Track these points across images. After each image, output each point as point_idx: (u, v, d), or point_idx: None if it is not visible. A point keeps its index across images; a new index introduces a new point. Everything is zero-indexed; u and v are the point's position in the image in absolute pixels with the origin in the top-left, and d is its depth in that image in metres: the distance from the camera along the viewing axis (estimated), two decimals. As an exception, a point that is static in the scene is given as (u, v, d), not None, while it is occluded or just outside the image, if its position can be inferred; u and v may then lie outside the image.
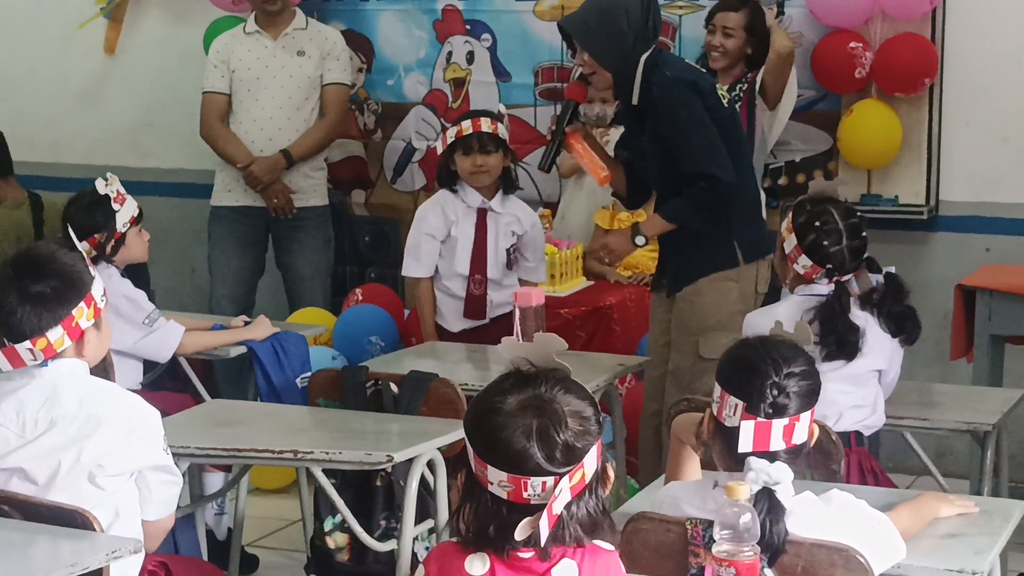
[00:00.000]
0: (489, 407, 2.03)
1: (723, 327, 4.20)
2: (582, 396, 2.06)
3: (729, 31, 5.05)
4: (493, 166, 4.63)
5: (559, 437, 2.00)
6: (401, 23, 5.87)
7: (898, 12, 5.15)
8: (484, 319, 4.69)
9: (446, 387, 3.72)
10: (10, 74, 6.55)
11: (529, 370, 2.08)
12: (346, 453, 3.30)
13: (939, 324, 5.12)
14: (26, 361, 2.75)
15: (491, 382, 2.09)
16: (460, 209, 4.69)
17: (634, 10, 4.13)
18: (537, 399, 2.02)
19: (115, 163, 5.76)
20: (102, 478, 2.74)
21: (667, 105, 4.12)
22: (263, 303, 5.64)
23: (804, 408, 2.47)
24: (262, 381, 4.38)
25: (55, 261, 2.79)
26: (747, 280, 4.27)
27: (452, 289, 4.71)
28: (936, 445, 4.86)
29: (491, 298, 4.68)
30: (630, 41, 4.13)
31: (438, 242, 4.71)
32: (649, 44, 4.17)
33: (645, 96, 4.16)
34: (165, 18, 6.27)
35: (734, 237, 4.23)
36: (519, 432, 2.00)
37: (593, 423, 2.04)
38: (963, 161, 5.31)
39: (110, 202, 4.16)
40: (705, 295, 4.24)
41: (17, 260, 2.80)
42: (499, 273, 4.68)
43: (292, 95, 5.59)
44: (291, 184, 5.59)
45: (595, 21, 4.18)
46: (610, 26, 4.12)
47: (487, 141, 4.61)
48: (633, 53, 4.14)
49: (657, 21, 4.21)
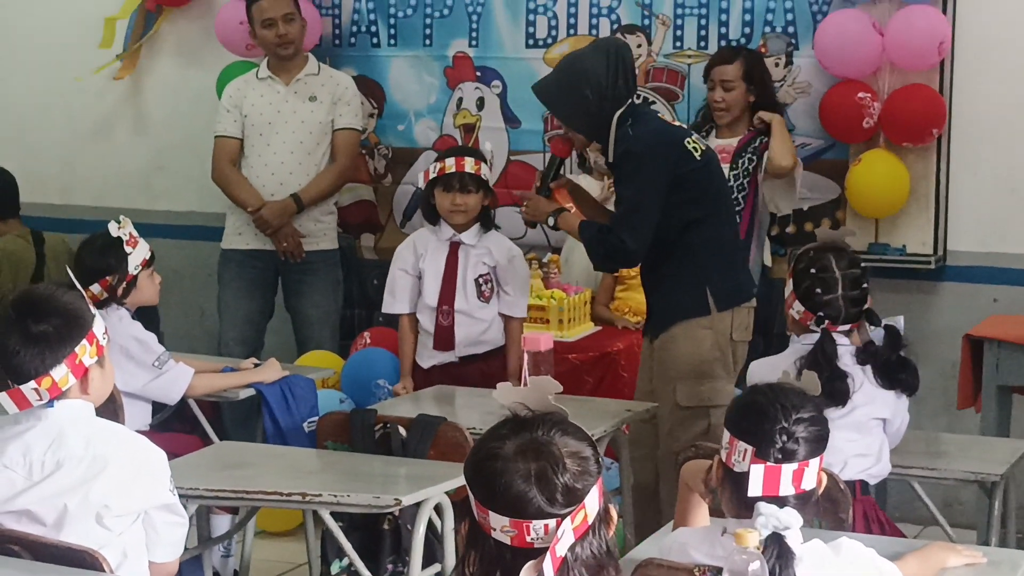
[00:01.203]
0: (487, 453, 2.04)
1: (699, 375, 4.26)
2: (580, 437, 2.06)
3: (728, 84, 5.07)
4: (471, 206, 4.65)
5: (558, 479, 2.00)
6: (412, 69, 5.91)
7: (906, 63, 5.18)
8: (452, 350, 4.68)
9: (454, 431, 3.73)
10: (23, 115, 6.59)
11: (526, 414, 2.09)
12: (354, 496, 3.30)
13: (946, 374, 5.12)
14: (32, 402, 2.76)
15: (489, 428, 2.10)
16: (431, 243, 4.72)
17: (596, 74, 4.20)
18: (534, 442, 2.03)
19: (127, 205, 5.77)
20: (109, 519, 2.75)
21: (619, 163, 4.25)
22: (272, 345, 5.65)
23: (813, 454, 2.49)
24: (269, 424, 4.39)
25: (55, 300, 2.80)
26: (722, 328, 4.30)
27: (423, 323, 4.72)
28: (943, 495, 4.85)
29: (461, 331, 4.66)
30: (595, 104, 4.22)
31: (411, 277, 4.74)
32: (621, 102, 4.24)
33: (616, 152, 4.26)
34: (178, 62, 6.32)
35: (706, 285, 4.27)
36: (518, 476, 2.00)
37: (592, 463, 2.05)
38: (971, 211, 5.32)
39: (123, 244, 4.18)
40: (680, 342, 4.29)
41: (17, 301, 2.82)
42: (468, 305, 4.67)
43: (303, 140, 5.62)
44: (301, 228, 5.62)
45: (558, 87, 4.30)
46: (573, 91, 4.23)
47: (468, 181, 4.63)
48: (601, 114, 4.23)
49: (629, 77, 4.26)
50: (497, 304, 4.71)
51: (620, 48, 4.31)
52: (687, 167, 4.22)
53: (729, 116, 5.10)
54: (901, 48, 5.13)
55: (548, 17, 5.70)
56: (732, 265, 4.38)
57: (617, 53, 4.25)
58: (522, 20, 5.73)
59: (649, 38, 5.56)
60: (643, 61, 5.54)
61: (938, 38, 5.10)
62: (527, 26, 5.73)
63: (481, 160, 4.68)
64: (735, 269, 4.40)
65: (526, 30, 5.73)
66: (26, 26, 6.54)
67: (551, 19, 5.69)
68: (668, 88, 5.54)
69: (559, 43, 5.67)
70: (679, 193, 4.22)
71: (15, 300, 2.82)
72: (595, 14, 5.63)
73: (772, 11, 5.39)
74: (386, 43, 5.93)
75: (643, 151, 4.19)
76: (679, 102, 5.53)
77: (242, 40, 5.85)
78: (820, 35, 5.24)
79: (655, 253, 4.31)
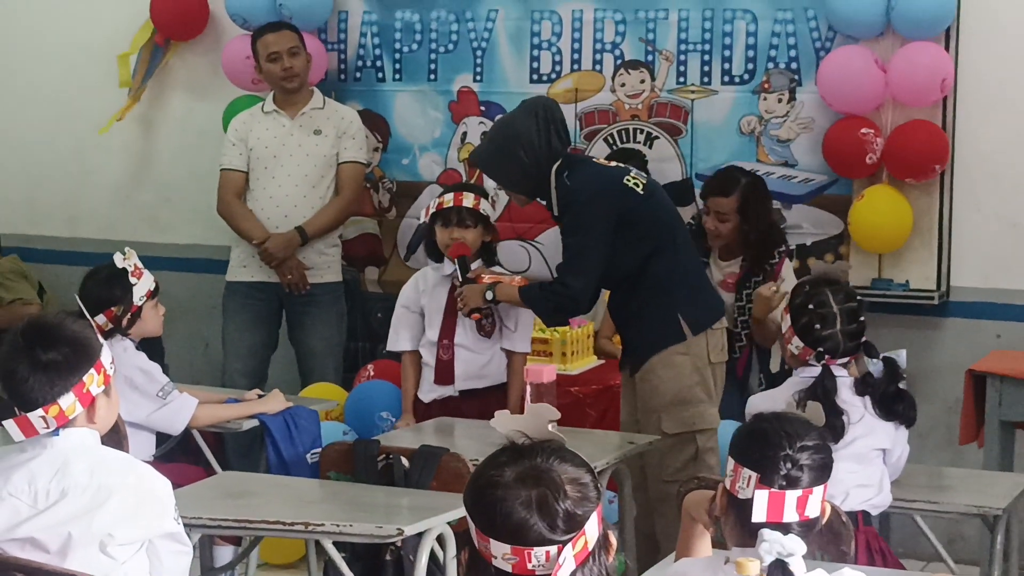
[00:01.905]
0: (487, 482, 2.04)
1: (683, 401, 4.32)
2: (578, 464, 2.07)
3: (723, 216, 5.01)
4: (470, 240, 4.67)
5: (559, 505, 2.01)
6: (417, 104, 5.94)
7: (909, 99, 5.20)
8: (451, 384, 4.70)
9: (457, 462, 3.74)
10: (29, 148, 6.62)
11: (524, 442, 2.10)
12: (357, 526, 3.30)
13: (949, 409, 5.13)
14: (38, 429, 2.77)
15: (487, 457, 2.10)
16: (432, 279, 4.76)
17: (527, 135, 4.34)
18: (534, 469, 2.03)
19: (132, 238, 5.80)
20: (113, 547, 2.75)
21: (560, 212, 4.36)
22: (275, 378, 5.66)
23: (817, 482, 2.49)
24: (273, 455, 4.39)
25: (64, 329, 2.82)
26: (698, 351, 4.35)
27: (424, 357, 4.75)
28: (946, 531, 4.84)
29: (461, 366, 4.69)
30: (530, 163, 4.34)
31: (414, 314, 4.78)
32: (556, 157, 4.35)
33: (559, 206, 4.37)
34: (184, 96, 6.35)
35: (678, 311, 4.33)
36: (518, 504, 2.00)
37: (592, 489, 2.06)
38: (974, 247, 5.34)
39: (127, 276, 4.20)
40: (659, 372, 4.34)
41: (27, 329, 2.84)
42: (469, 339, 4.70)
43: (308, 173, 5.65)
44: (305, 260, 5.64)
45: (494, 154, 4.45)
46: (508, 156, 4.37)
47: (466, 216, 4.67)
48: (539, 172, 4.35)
49: (561, 132, 4.40)
50: (499, 339, 4.72)
51: (547, 106, 4.46)
52: (630, 204, 4.31)
53: (721, 242, 5.06)
54: (904, 84, 5.15)
55: (552, 52, 5.73)
56: (698, 288, 4.46)
57: (545, 111, 4.40)
58: (526, 55, 5.76)
59: (652, 73, 5.59)
60: (647, 96, 5.57)
61: (941, 74, 5.13)
62: (531, 61, 5.76)
63: (481, 196, 4.70)
64: (702, 291, 4.47)
65: (530, 65, 5.76)
66: (34, 60, 6.57)
67: (555, 54, 5.72)
68: (671, 123, 5.57)
69: (563, 78, 5.70)
70: (629, 230, 4.30)
71: (24, 328, 2.84)
72: (599, 49, 5.66)
73: (775, 47, 5.42)
74: (391, 78, 5.96)
75: (583, 200, 4.30)
76: (682, 137, 5.55)
77: (248, 74, 5.89)
78: (823, 71, 5.27)
79: (622, 290, 4.41)
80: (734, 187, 5.01)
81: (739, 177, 5.07)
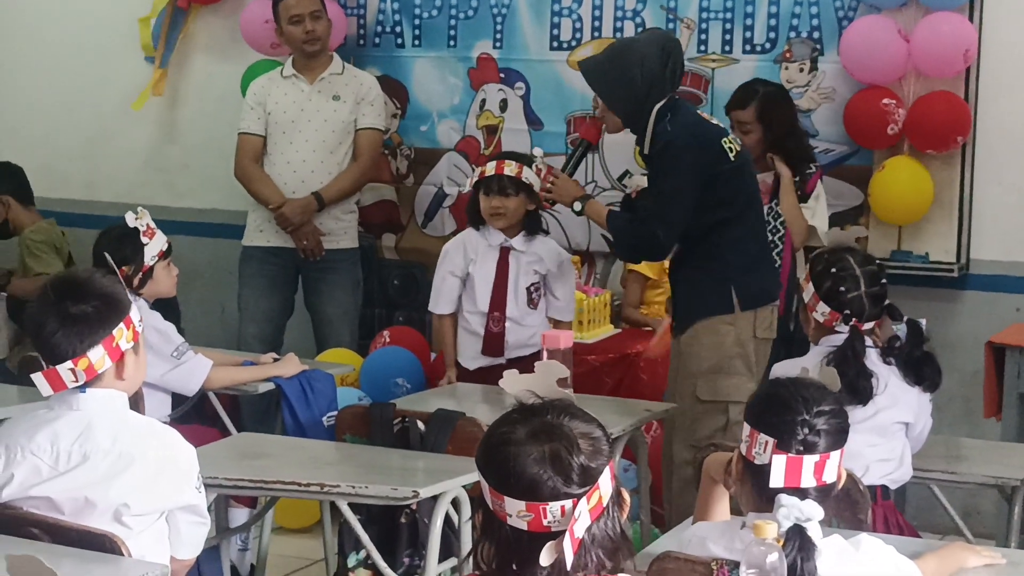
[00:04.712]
0: (499, 439, 2.04)
1: (720, 370, 4.27)
2: (588, 420, 2.08)
3: (744, 127, 5.00)
4: (511, 209, 4.66)
5: (573, 459, 2.01)
6: (436, 70, 5.92)
7: (931, 70, 5.16)
8: (501, 356, 4.69)
9: (472, 425, 3.73)
10: (49, 113, 6.62)
11: (534, 401, 2.09)
12: (372, 488, 3.30)
13: (967, 382, 5.10)
14: (67, 383, 2.75)
15: (498, 417, 2.10)
16: (481, 247, 4.74)
17: (651, 58, 4.20)
18: (546, 425, 2.04)
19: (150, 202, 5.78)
20: (128, 517, 2.74)
21: (657, 157, 4.24)
22: (291, 343, 5.65)
23: (834, 447, 2.48)
24: (289, 418, 4.39)
25: (94, 283, 2.82)
26: (744, 325, 4.30)
27: (472, 326, 4.73)
28: (963, 504, 4.82)
29: (511, 337, 4.68)
30: (642, 88, 4.21)
31: (458, 279, 4.76)
32: (664, 93, 4.24)
33: (653, 145, 4.24)
34: (203, 60, 6.34)
35: (732, 283, 4.27)
36: (532, 459, 2.00)
37: (604, 443, 2.06)
38: (994, 219, 5.30)
39: (139, 235, 4.18)
40: (702, 338, 4.30)
41: (56, 283, 2.84)
42: (519, 311, 4.69)
43: (326, 139, 5.63)
44: (322, 226, 5.63)
45: (609, 65, 4.29)
46: (623, 72, 4.21)
47: (507, 184, 4.65)
48: (647, 101, 4.22)
49: (677, 69, 4.27)
50: (545, 309, 4.72)
51: (675, 43, 4.35)
52: (721, 167, 4.23)
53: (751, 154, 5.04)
54: (927, 55, 5.12)
55: (573, 19, 5.70)
56: (758, 266, 4.38)
57: (670, 45, 4.29)
58: (547, 22, 5.73)
59: (674, 41, 5.55)
60: (667, 64, 5.53)
61: (964, 45, 5.09)
62: (551, 28, 5.73)
63: (523, 164, 4.68)
64: (760, 271, 4.40)
65: (550, 32, 5.73)
66: (54, 26, 6.57)
67: (575, 21, 5.69)
68: (692, 92, 5.53)
69: (583, 45, 5.67)
70: (711, 192, 4.22)
71: (53, 282, 2.85)
72: (620, 17, 5.63)
73: (798, 16, 5.39)
74: (410, 43, 5.94)
75: (682, 147, 4.19)
76: (703, 106, 5.51)
77: (267, 38, 5.87)
78: (846, 41, 5.23)
79: (682, 250, 4.32)
80: (751, 98, 5.02)
81: (757, 88, 5.08)
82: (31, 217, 5.99)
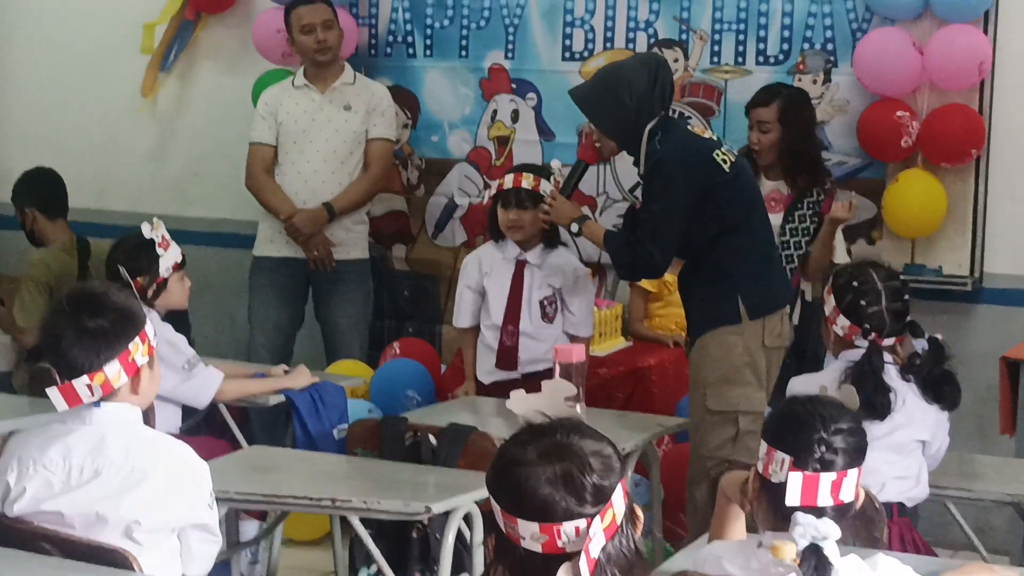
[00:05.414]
0: (510, 461, 2.03)
1: (729, 380, 4.27)
2: (598, 438, 2.06)
3: (764, 126, 4.99)
4: (528, 222, 4.65)
5: (585, 479, 1.99)
6: (447, 80, 5.91)
7: (946, 82, 5.14)
8: (515, 370, 4.68)
9: (484, 440, 3.72)
10: (59, 119, 6.61)
11: (542, 421, 2.08)
12: (384, 503, 3.29)
13: (981, 397, 5.07)
14: (83, 398, 2.74)
15: (507, 439, 2.08)
16: (496, 260, 4.74)
17: (638, 83, 4.25)
18: (556, 445, 2.02)
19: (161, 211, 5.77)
20: (139, 533, 2.73)
21: (648, 177, 4.27)
22: (301, 354, 5.64)
23: (851, 465, 2.46)
24: (299, 430, 4.37)
25: (110, 297, 2.82)
26: (752, 335, 4.30)
27: (487, 339, 4.74)
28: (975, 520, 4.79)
29: (525, 351, 4.68)
30: (632, 113, 4.25)
31: (475, 293, 4.77)
32: (655, 113, 4.27)
33: (647, 165, 4.28)
34: (215, 69, 6.33)
35: (738, 293, 4.27)
36: (544, 480, 1.99)
37: (615, 461, 2.05)
38: (1008, 233, 5.28)
39: (155, 246, 4.18)
40: (710, 349, 4.30)
41: (72, 297, 2.83)
42: (533, 325, 4.68)
43: (337, 149, 5.62)
44: (332, 237, 5.61)
45: (598, 93, 4.34)
46: (613, 98, 4.26)
47: (524, 197, 4.65)
48: (637, 124, 4.26)
49: (667, 89, 4.30)
50: (561, 323, 4.71)
51: (661, 63, 4.37)
52: (715, 180, 4.24)
53: (768, 157, 5.00)
54: (941, 67, 5.10)
55: (585, 30, 5.69)
56: (765, 274, 4.38)
57: (658, 66, 4.32)
58: (559, 33, 5.72)
59: (686, 53, 5.55)
60: (680, 76, 5.52)
61: (979, 58, 5.07)
62: (564, 39, 5.72)
63: (541, 176, 4.67)
64: (767, 277, 4.39)
65: (563, 43, 5.72)
66: (65, 32, 6.56)
67: (588, 32, 5.68)
68: (704, 103, 5.52)
69: (595, 56, 5.66)
70: (708, 205, 4.24)
71: (69, 296, 2.84)
72: (632, 28, 5.62)
73: (811, 28, 5.37)
74: (422, 53, 5.93)
75: (672, 165, 4.22)
76: (715, 117, 5.50)
77: (278, 48, 5.86)
78: (859, 53, 5.21)
79: (688, 262, 4.32)
80: (774, 97, 5.01)
81: (780, 89, 5.08)
82: (55, 232, 5.77)
